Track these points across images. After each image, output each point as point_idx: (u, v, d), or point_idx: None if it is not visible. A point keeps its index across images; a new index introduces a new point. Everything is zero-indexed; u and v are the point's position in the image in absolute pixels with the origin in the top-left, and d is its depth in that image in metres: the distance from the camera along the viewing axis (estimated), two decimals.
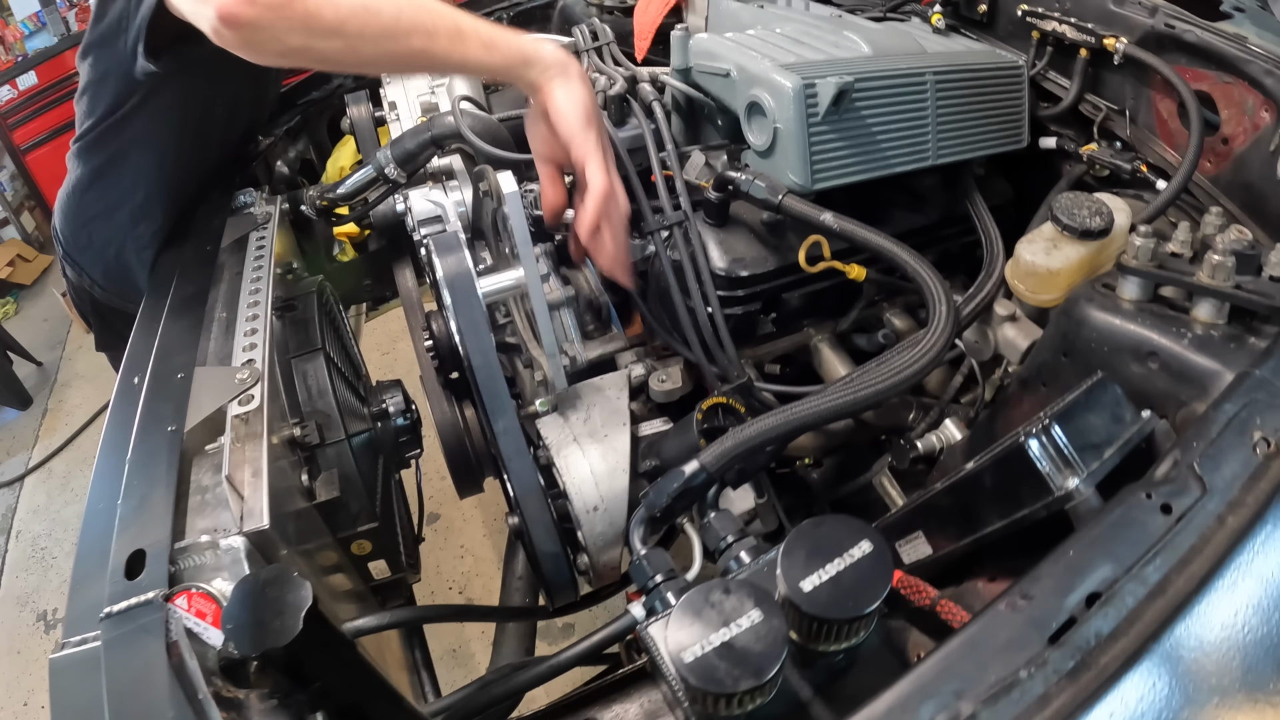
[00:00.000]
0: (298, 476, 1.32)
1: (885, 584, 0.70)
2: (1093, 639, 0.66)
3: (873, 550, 0.72)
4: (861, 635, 0.74)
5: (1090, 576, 0.70)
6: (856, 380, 1.06)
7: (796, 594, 0.70)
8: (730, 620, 0.68)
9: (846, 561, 0.72)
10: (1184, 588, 0.69)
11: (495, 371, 1.19)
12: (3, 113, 3.96)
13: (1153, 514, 0.76)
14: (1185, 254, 1.05)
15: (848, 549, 0.72)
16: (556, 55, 1.19)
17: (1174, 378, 0.96)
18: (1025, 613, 0.68)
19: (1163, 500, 0.77)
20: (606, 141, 1.22)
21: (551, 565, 1.22)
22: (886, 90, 1.29)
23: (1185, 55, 1.30)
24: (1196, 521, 0.75)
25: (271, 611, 0.82)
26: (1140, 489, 0.78)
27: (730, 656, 0.67)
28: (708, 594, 0.71)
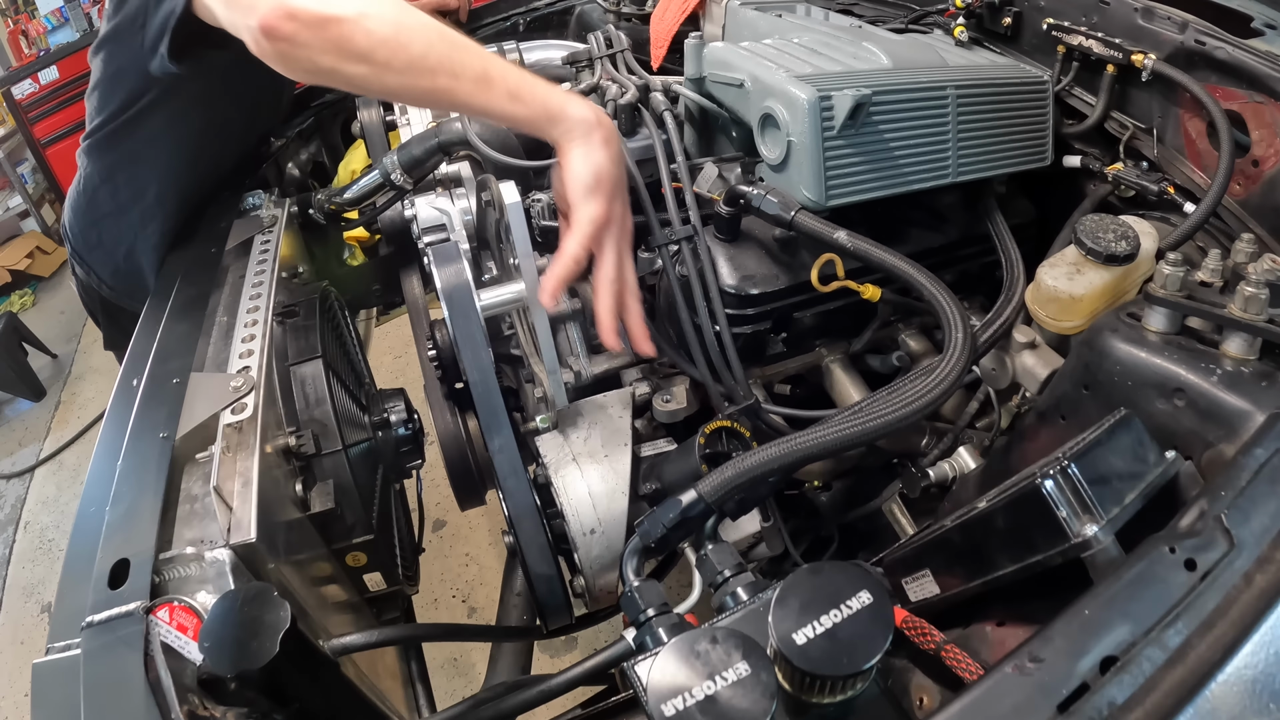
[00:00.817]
0: (292, 487, 1.29)
1: (884, 640, 0.64)
2: (1105, 709, 0.60)
3: (873, 602, 0.66)
4: (859, 688, 0.69)
5: (1106, 638, 0.65)
6: (866, 409, 1.01)
7: (788, 646, 0.64)
8: (716, 672, 0.63)
9: (844, 613, 0.66)
10: (1206, 655, 0.63)
11: (492, 388, 1.15)
12: (24, 106, 3.95)
13: (1175, 570, 0.70)
14: (1215, 283, 0.99)
15: (846, 599, 0.67)
16: (583, 114, 1.13)
17: (1201, 416, 0.90)
18: (1034, 677, 0.62)
19: (1186, 555, 0.71)
20: (618, 214, 1.15)
21: (546, 588, 1.17)
22: (906, 104, 1.23)
23: (1215, 73, 1.23)
24: (1222, 580, 0.69)
25: (249, 631, 0.81)
26: (1163, 541, 0.72)
27: (713, 712, 0.62)
28: (694, 642, 0.66)
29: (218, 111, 1.56)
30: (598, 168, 1.12)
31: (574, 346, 1.42)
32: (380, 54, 1.07)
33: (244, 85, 1.58)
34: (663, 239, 1.26)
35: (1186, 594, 0.68)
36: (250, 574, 1.00)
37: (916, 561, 1.00)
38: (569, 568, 1.26)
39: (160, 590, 0.91)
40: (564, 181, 1.15)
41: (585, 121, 1.12)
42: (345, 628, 1.39)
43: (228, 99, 1.57)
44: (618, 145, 1.15)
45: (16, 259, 5.17)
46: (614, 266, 1.14)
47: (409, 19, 1.09)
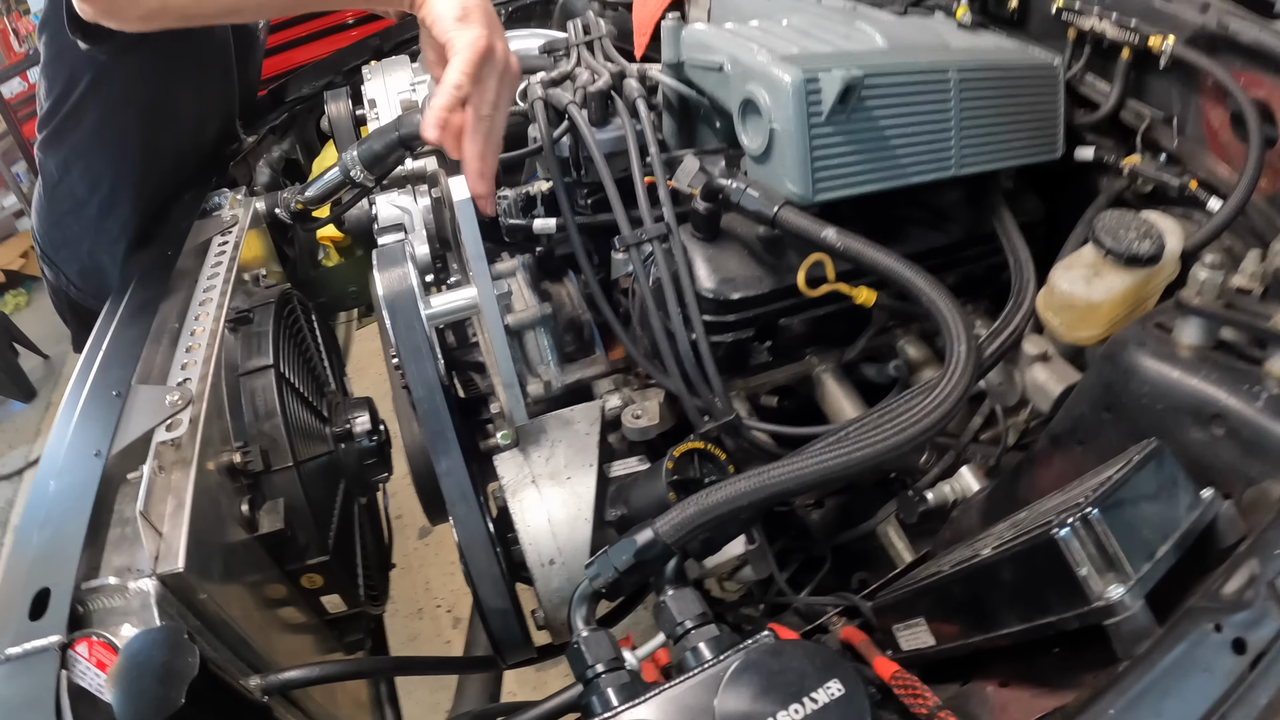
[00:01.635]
0: (237, 506, 1.16)
1: None
2: None
3: (843, 696, 0.51)
4: None
5: None
6: (852, 435, 0.85)
7: None
8: None
9: (807, 708, 0.51)
10: None
11: (440, 405, 1.00)
12: (13, 105, 3.82)
13: (1221, 654, 0.54)
14: (1256, 290, 0.82)
15: (812, 690, 0.52)
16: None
17: (1243, 448, 0.73)
18: None
19: (1234, 634, 0.55)
20: (500, 48, 1.02)
21: (500, 622, 1.03)
22: (903, 88, 1.06)
23: (1240, 58, 1.06)
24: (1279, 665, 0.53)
25: (158, 678, 0.74)
26: (1204, 616, 0.56)
27: None
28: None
29: (160, 95, 1.44)
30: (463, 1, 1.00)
31: (544, 354, 1.27)
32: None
33: (185, 70, 1.46)
34: (632, 239, 1.10)
35: (1235, 685, 0.52)
36: (179, 605, 0.91)
37: (909, 607, 0.84)
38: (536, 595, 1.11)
39: (83, 621, 0.84)
40: (431, 24, 1.02)
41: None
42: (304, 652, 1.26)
43: (168, 81, 1.44)
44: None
45: (11, 259, 5.02)
46: (490, 104, 1.01)
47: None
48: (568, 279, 1.40)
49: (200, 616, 0.94)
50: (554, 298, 1.37)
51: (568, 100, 1.17)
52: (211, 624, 0.96)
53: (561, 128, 1.18)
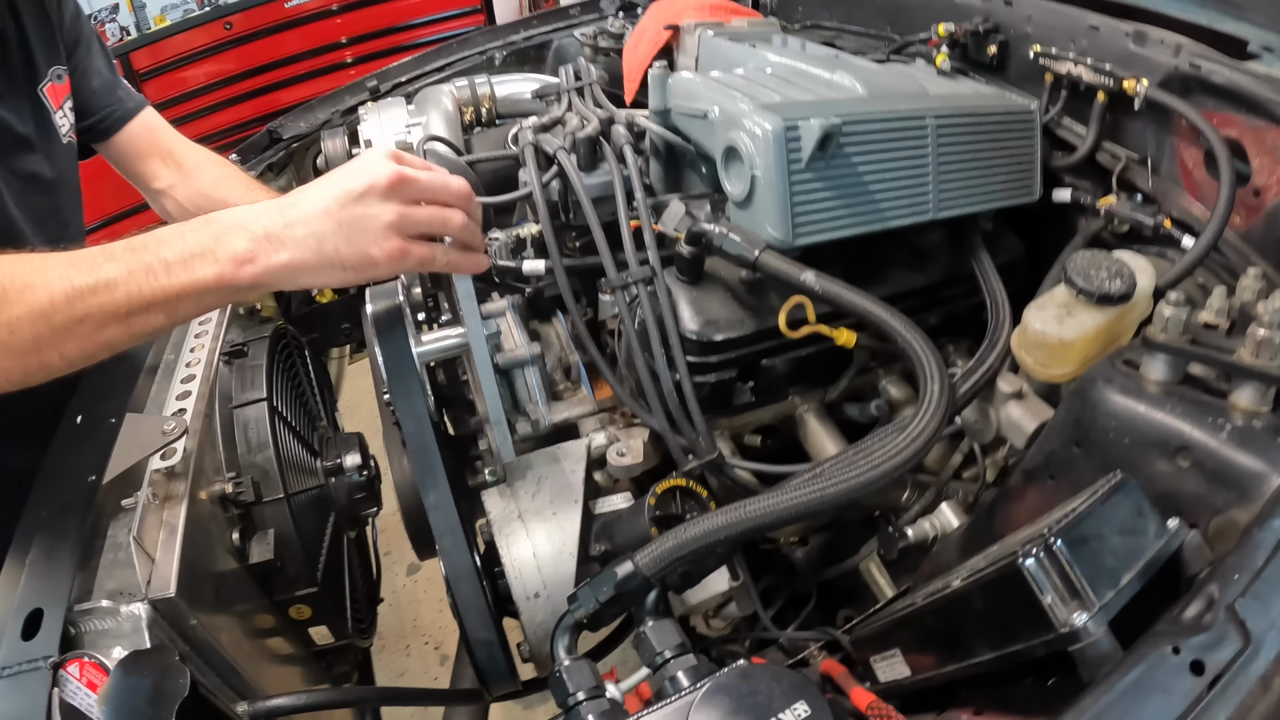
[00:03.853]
0: (228, 536, 1.19)
1: None
2: None
3: (809, 716, 0.53)
4: None
5: None
6: (829, 471, 0.87)
7: None
8: None
9: None
10: None
11: (429, 441, 1.03)
12: None
13: (1179, 675, 0.56)
14: (1221, 325, 0.85)
15: (778, 711, 0.54)
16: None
17: (1209, 479, 0.76)
18: None
19: (1193, 656, 0.57)
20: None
21: (485, 654, 1.04)
22: (881, 134, 1.11)
23: (1213, 98, 1.10)
24: (1237, 684, 0.56)
25: (148, 700, 0.76)
26: (1164, 639, 0.58)
27: None
28: None
29: None
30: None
31: (532, 393, 1.29)
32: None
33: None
34: (618, 281, 1.14)
35: (1192, 705, 0.54)
36: (171, 629, 0.94)
37: (886, 639, 0.86)
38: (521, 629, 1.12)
39: (75, 643, 0.86)
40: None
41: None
42: (291, 682, 1.27)
43: None
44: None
45: None
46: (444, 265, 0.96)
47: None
48: (556, 319, 1.44)
49: (190, 642, 0.96)
50: (543, 338, 1.40)
51: (557, 145, 1.22)
52: (201, 650, 0.98)
53: (550, 172, 1.22)
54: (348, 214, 0.85)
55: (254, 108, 4.00)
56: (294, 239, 0.83)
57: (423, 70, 1.88)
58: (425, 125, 1.51)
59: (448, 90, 1.60)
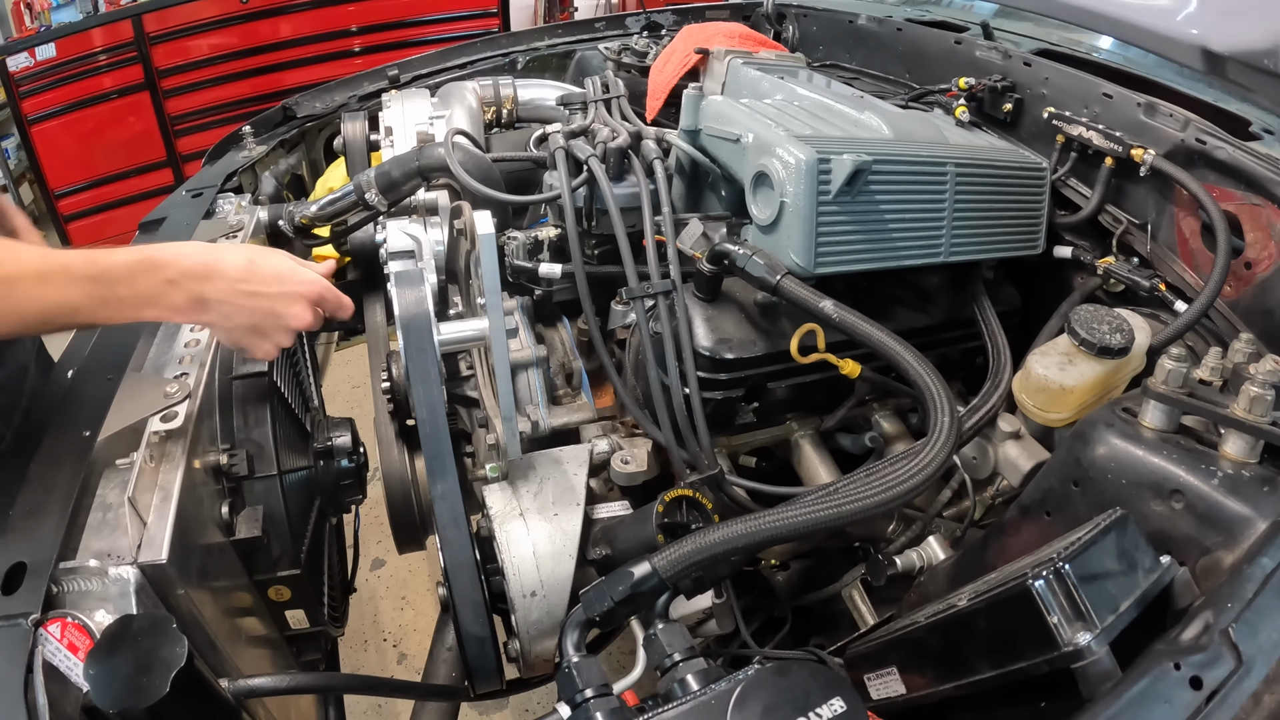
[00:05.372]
0: (217, 508, 1.17)
1: None
2: None
3: (846, 712, 0.57)
4: None
5: None
6: (841, 491, 0.92)
7: None
8: None
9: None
10: None
11: (441, 428, 1.05)
12: (17, 79, 3.87)
13: (1180, 689, 0.62)
14: (1215, 382, 0.92)
15: (815, 707, 0.58)
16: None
17: (1199, 520, 0.82)
18: None
19: (1192, 672, 0.63)
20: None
21: (476, 649, 1.05)
22: (905, 176, 1.17)
23: (1214, 173, 1.19)
24: (1231, 700, 0.61)
25: (140, 665, 0.75)
26: (1165, 656, 0.64)
27: None
28: None
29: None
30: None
31: (534, 395, 1.32)
32: None
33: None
34: (639, 292, 1.18)
35: (1192, 717, 0.59)
36: (156, 597, 0.92)
37: (882, 657, 0.91)
38: (504, 629, 1.14)
39: (56, 602, 0.84)
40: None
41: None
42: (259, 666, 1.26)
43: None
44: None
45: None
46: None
47: None
48: (561, 325, 1.47)
49: (174, 613, 0.94)
50: (546, 342, 1.44)
51: (589, 153, 1.26)
52: (184, 622, 0.95)
53: (580, 178, 1.26)
54: (261, 327, 1.04)
55: (254, 86, 4.01)
56: (218, 314, 1.01)
57: (445, 65, 1.92)
58: (449, 119, 1.55)
59: (471, 87, 1.64)
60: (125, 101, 4.02)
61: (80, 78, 3.95)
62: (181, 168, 4.22)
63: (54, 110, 3.99)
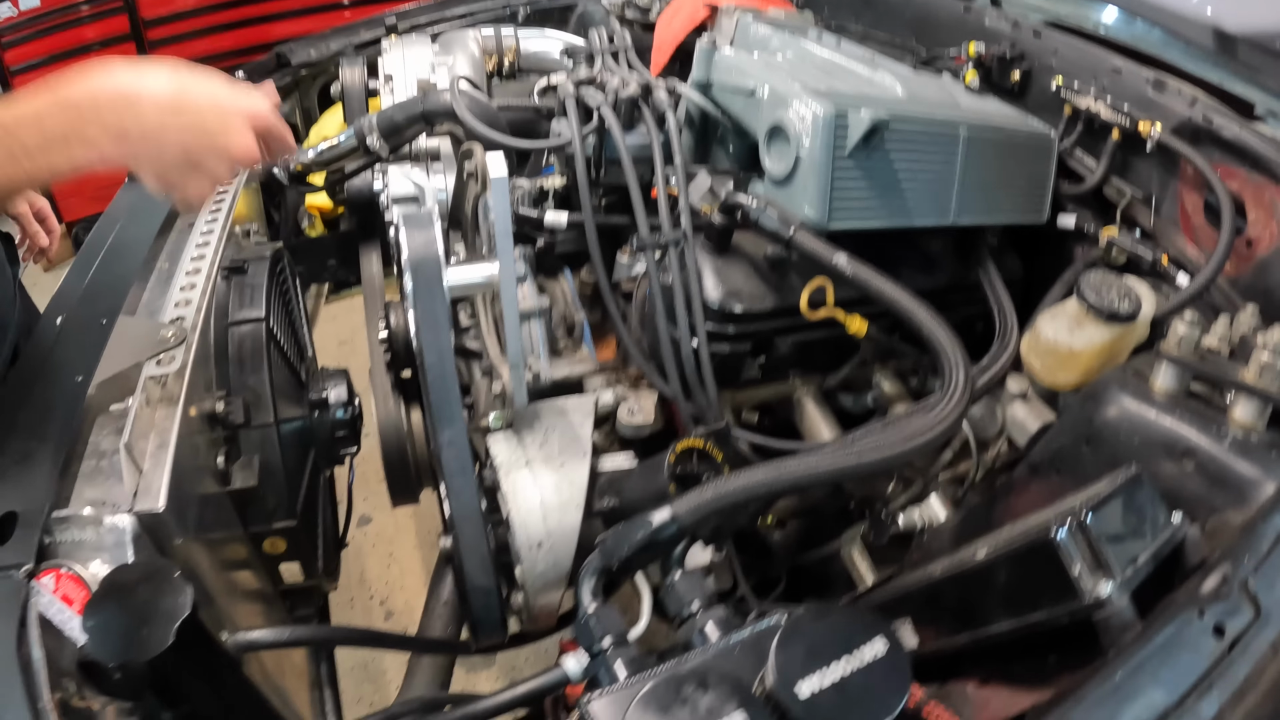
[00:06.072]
0: (213, 457, 1.15)
1: (901, 697, 0.55)
2: None
3: (888, 652, 0.57)
4: None
5: (1138, 703, 0.57)
6: (859, 442, 0.92)
7: (790, 700, 0.54)
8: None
9: (855, 664, 0.57)
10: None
11: (449, 374, 1.03)
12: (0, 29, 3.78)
13: (1204, 636, 0.63)
14: (1223, 351, 0.94)
15: (856, 647, 0.58)
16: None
17: (1209, 481, 0.84)
18: None
19: (1215, 620, 0.64)
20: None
21: (481, 601, 1.05)
22: (918, 136, 1.17)
23: (1219, 150, 1.20)
24: (1253, 649, 0.63)
25: (140, 616, 0.72)
26: (1189, 606, 0.65)
27: None
28: (679, 686, 0.55)
29: None
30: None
31: (535, 346, 1.30)
32: None
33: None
34: (649, 242, 1.17)
35: (1217, 662, 0.61)
36: (153, 547, 0.88)
37: (896, 610, 0.91)
38: (507, 581, 1.13)
39: (48, 553, 0.80)
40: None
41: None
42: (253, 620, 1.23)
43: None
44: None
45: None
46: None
47: None
48: (563, 276, 1.46)
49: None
50: (548, 293, 1.42)
51: (601, 101, 1.24)
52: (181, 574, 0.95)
53: (590, 126, 1.24)
54: (194, 158, 0.90)
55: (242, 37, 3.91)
56: (142, 147, 0.88)
57: (444, 15, 1.87)
58: (451, 66, 1.51)
59: (473, 35, 1.60)
60: (110, 52, 3.86)
61: (65, 28, 3.82)
62: None
63: (38, 61, 3.86)
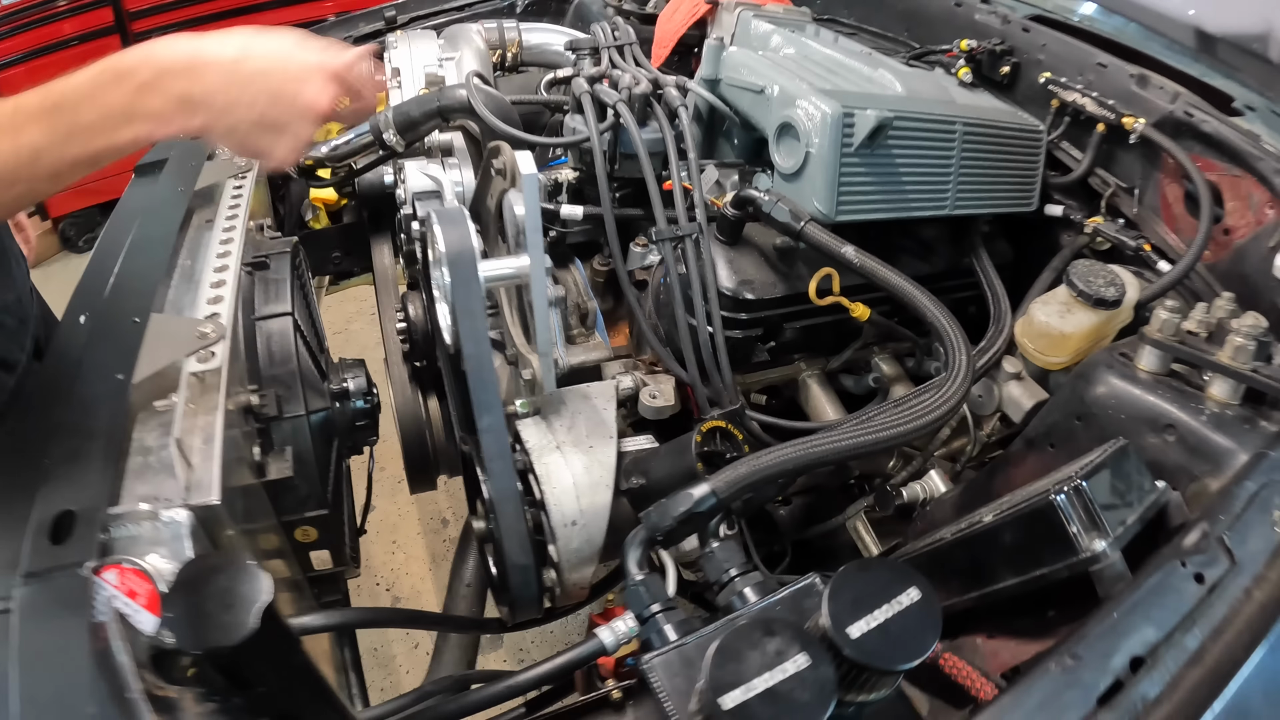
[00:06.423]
0: (249, 449, 1.23)
1: (934, 635, 0.67)
2: (1140, 704, 0.65)
3: (922, 598, 0.70)
4: (892, 687, 0.72)
5: (1133, 639, 0.71)
6: (876, 420, 1.05)
7: (843, 640, 0.67)
8: (774, 665, 0.65)
9: (895, 609, 0.69)
10: (1220, 657, 0.70)
11: (488, 362, 1.14)
12: None
13: (1187, 582, 0.77)
14: (1202, 333, 1.08)
15: (896, 595, 0.70)
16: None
17: (1189, 452, 0.98)
18: (1074, 673, 0.67)
19: (1196, 569, 0.78)
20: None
21: (520, 579, 1.16)
22: (918, 132, 1.29)
23: (1199, 144, 1.35)
24: (1228, 593, 0.76)
25: (220, 603, 0.76)
26: (1174, 556, 0.79)
27: (775, 704, 0.63)
28: (748, 634, 0.67)
29: None
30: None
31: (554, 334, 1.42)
32: None
33: None
34: (668, 234, 1.29)
35: (1198, 604, 0.75)
36: (207, 540, 0.94)
37: None
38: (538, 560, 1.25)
39: (106, 550, 0.84)
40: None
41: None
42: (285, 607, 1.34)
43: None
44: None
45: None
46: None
47: None
48: (574, 265, 1.57)
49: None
50: (560, 282, 1.53)
51: (616, 99, 1.35)
52: None
53: (607, 123, 1.35)
54: (271, 118, 0.90)
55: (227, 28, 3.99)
56: (212, 113, 0.88)
57: (442, 7, 1.96)
58: (459, 61, 1.61)
59: (477, 29, 1.70)
60: (93, 46, 3.90)
61: (45, 23, 3.85)
62: None
63: (19, 57, 3.88)
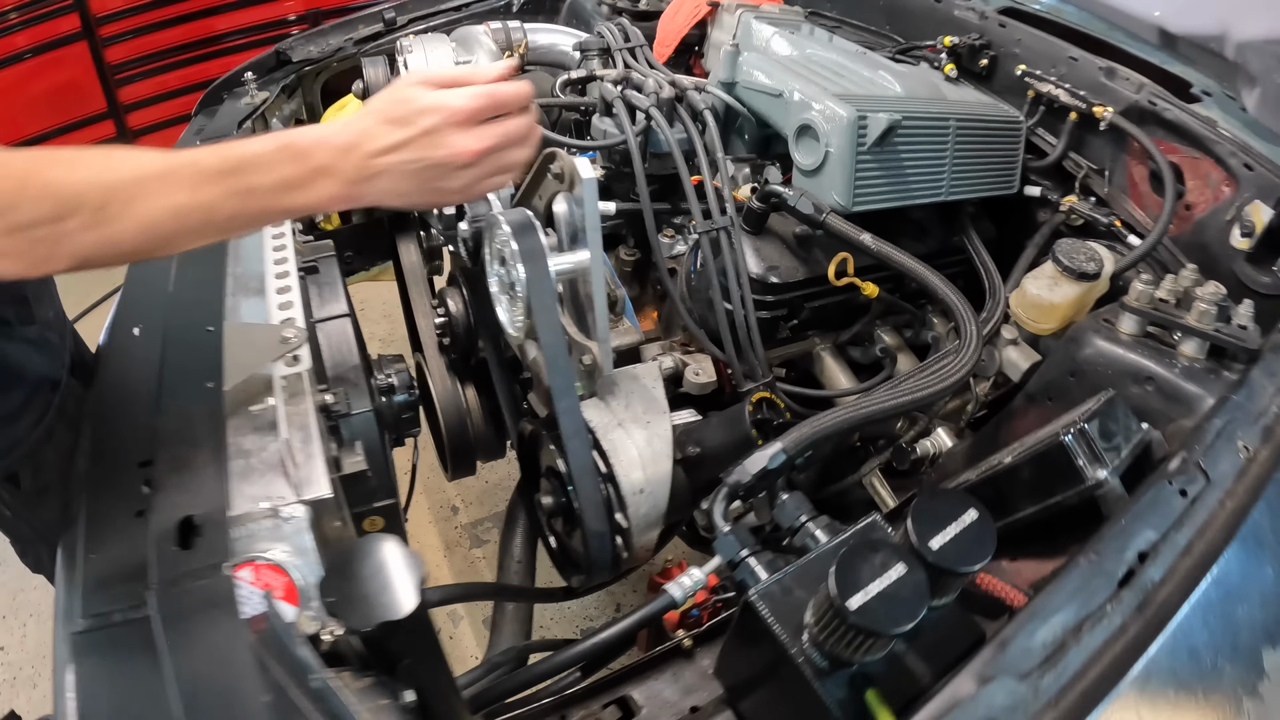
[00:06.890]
0: (326, 446, 1.40)
1: (992, 543, 0.93)
2: (1149, 584, 0.93)
3: (979, 517, 0.96)
4: (957, 591, 0.99)
5: (1138, 539, 0.98)
6: (905, 385, 1.32)
7: (928, 552, 0.92)
8: (881, 574, 0.90)
9: (961, 525, 0.95)
10: (1204, 549, 0.98)
11: (562, 350, 1.36)
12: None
13: (1174, 496, 1.04)
14: (1171, 301, 1.37)
15: (959, 516, 0.97)
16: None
17: (1166, 399, 1.27)
18: (1098, 565, 0.94)
19: (1180, 487, 1.06)
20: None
21: (598, 545, 1.38)
22: (918, 129, 1.56)
23: (1162, 129, 1.64)
24: (1207, 503, 1.03)
25: (377, 584, 0.87)
26: (1162, 478, 1.07)
27: (887, 602, 0.88)
28: (858, 552, 0.92)
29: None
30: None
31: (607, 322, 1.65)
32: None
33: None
34: (704, 227, 1.53)
35: (1184, 512, 1.03)
36: (320, 532, 1.03)
37: None
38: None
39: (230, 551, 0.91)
40: None
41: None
42: None
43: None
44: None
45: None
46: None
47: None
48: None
49: (330, 546, 1.05)
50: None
51: (649, 104, 1.58)
52: None
53: (640, 125, 1.58)
54: (432, 184, 1.03)
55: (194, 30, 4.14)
56: (376, 191, 1.01)
57: (440, 8, 2.14)
58: (475, 64, 1.81)
59: (484, 30, 1.90)
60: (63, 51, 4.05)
61: (40, 21, 3.97)
62: (124, 118, 4.27)
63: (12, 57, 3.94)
